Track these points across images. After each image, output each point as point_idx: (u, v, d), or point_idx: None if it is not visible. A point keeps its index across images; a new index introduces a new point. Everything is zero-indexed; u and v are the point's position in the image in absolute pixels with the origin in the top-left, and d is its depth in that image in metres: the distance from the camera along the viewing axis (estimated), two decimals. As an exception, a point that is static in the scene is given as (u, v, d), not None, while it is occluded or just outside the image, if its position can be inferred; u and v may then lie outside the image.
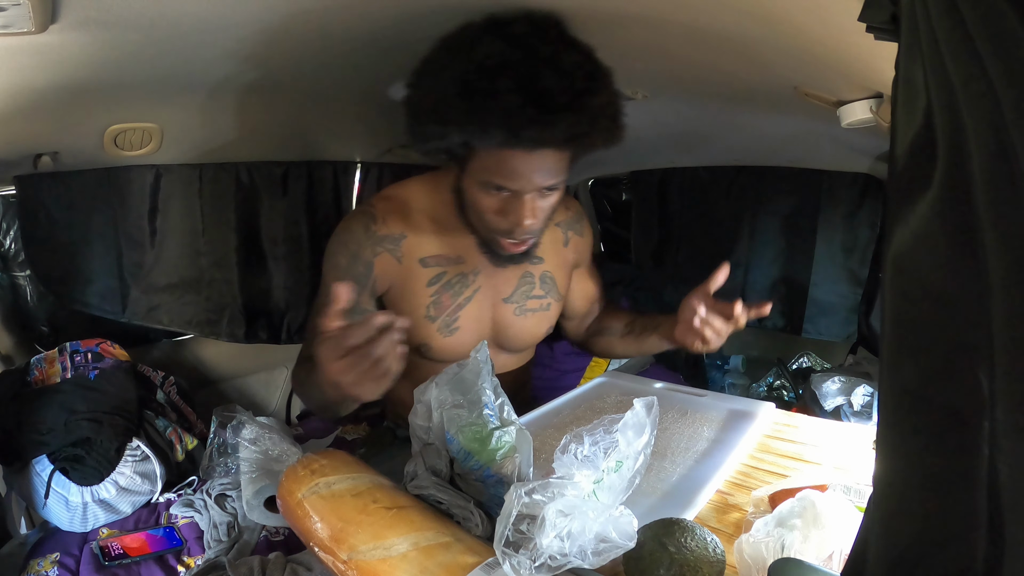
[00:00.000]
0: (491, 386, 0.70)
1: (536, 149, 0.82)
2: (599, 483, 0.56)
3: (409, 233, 1.01)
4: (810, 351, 1.85)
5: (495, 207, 0.90)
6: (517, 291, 1.09)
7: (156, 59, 0.91)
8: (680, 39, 0.91)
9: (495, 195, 0.89)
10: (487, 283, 1.06)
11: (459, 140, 0.82)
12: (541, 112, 0.76)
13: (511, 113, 0.76)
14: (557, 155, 0.85)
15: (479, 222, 0.94)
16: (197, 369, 1.54)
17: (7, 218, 1.42)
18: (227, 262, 1.47)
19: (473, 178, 0.89)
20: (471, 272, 1.04)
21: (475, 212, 0.93)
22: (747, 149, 1.67)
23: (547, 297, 1.12)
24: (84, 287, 1.33)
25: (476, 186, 0.89)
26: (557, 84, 0.77)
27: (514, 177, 0.85)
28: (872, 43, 0.50)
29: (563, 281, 1.16)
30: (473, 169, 0.88)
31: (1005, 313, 0.32)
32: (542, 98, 0.76)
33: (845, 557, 0.51)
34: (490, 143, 0.80)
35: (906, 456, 0.38)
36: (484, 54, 0.77)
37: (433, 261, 1.02)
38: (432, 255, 1.02)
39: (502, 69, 0.76)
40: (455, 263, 1.03)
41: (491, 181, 0.86)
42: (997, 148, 0.31)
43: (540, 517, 0.52)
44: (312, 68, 1.09)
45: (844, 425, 1.14)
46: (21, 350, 1.28)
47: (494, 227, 0.92)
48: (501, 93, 0.75)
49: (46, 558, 0.87)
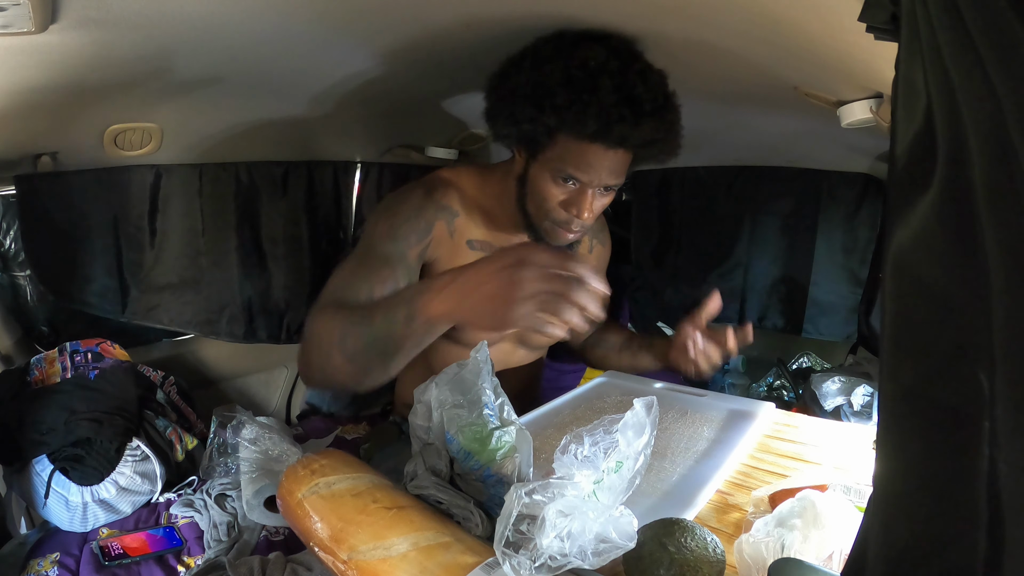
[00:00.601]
0: (491, 386, 0.70)
1: (616, 147, 0.90)
2: (599, 483, 0.56)
3: (461, 213, 1.06)
4: (810, 351, 1.85)
5: (561, 197, 0.96)
6: None
7: (156, 59, 0.91)
8: (680, 39, 0.91)
9: (563, 186, 0.95)
10: None
11: (553, 124, 0.89)
12: (632, 114, 0.86)
13: (607, 109, 0.85)
14: (626, 158, 0.94)
15: (539, 210, 0.99)
16: (197, 369, 1.54)
17: (7, 218, 1.42)
18: (227, 262, 1.47)
19: (546, 166, 0.95)
20: None
21: (539, 199, 0.98)
22: (747, 149, 1.67)
23: None
24: (84, 287, 1.33)
25: (548, 174, 0.95)
26: (646, 94, 0.88)
27: (588, 170, 0.92)
28: (872, 43, 0.50)
29: None
30: (549, 157, 0.94)
31: (1005, 313, 0.32)
32: (634, 102, 0.86)
33: (845, 557, 0.51)
34: (581, 132, 0.88)
35: (906, 456, 0.38)
36: (587, 56, 0.87)
37: (479, 245, 1.07)
38: (479, 239, 1.07)
39: (603, 70, 0.86)
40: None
41: (565, 170, 0.93)
42: (997, 148, 0.31)
43: (540, 517, 0.52)
44: (313, 67, 1.09)
45: (844, 425, 1.14)
46: (21, 350, 1.28)
47: (554, 216, 0.98)
48: (601, 90, 0.85)
49: (46, 558, 0.87)
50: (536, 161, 0.96)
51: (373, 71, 1.13)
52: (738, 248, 1.82)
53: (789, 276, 1.75)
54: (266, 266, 1.55)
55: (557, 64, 0.88)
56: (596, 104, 0.85)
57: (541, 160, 0.95)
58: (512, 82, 0.93)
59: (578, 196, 0.95)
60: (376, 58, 1.06)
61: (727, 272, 1.86)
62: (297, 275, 1.59)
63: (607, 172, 0.93)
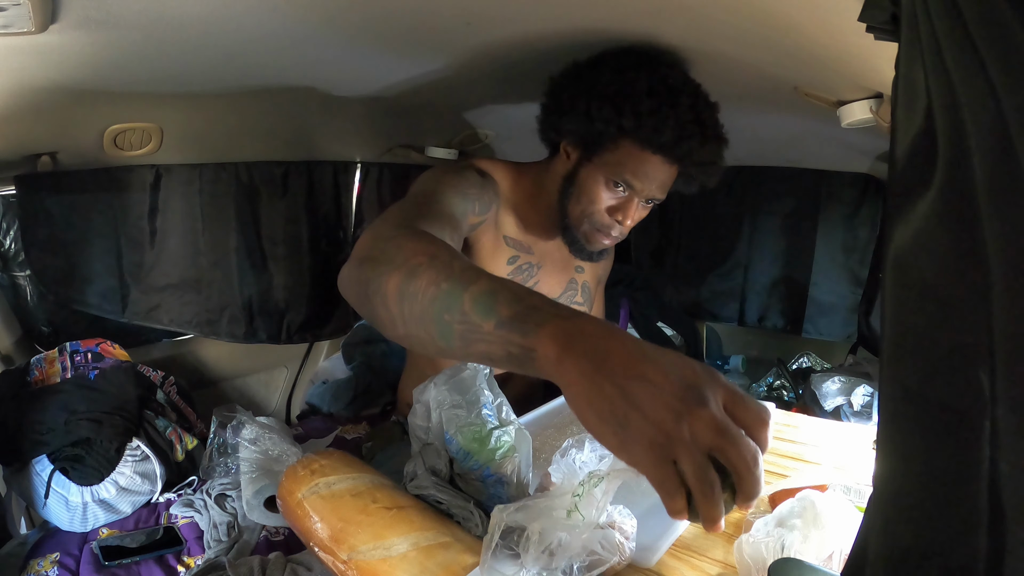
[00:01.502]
0: (490, 386, 0.70)
1: (675, 163, 0.96)
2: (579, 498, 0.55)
3: (500, 205, 1.06)
4: (810, 351, 1.85)
5: (610, 201, 1.00)
6: (564, 294, 1.18)
7: (156, 59, 0.91)
8: (681, 39, 0.91)
9: (614, 191, 0.99)
10: (544, 279, 1.14)
11: (629, 128, 0.92)
12: (701, 135, 0.93)
13: (682, 125, 0.92)
14: (674, 175, 0.99)
15: (584, 211, 1.01)
16: (197, 369, 1.54)
17: (7, 218, 1.42)
18: (227, 262, 1.47)
19: (602, 169, 0.98)
20: (536, 264, 1.12)
21: (587, 200, 1.00)
22: (747, 149, 1.67)
23: (584, 305, 1.22)
24: (84, 287, 1.33)
25: (601, 177, 0.98)
26: (711, 120, 0.96)
27: (644, 179, 0.96)
28: (872, 43, 0.50)
29: (595, 293, 1.27)
30: (608, 160, 0.97)
31: (1005, 313, 0.32)
32: (704, 125, 0.94)
33: (845, 557, 0.51)
34: (651, 142, 0.93)
35: (906, 456, 0.38)
36: (668, 73, 0.94)
37: (512, 242, 1.09)
38: (512, 236, 1.09)
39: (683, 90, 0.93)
40: (527, 252, 1.11)
41: (622, 175, 0.96)
42: (997, 148, 0.31)
43: (525, 535, 0.52)
44: (313, 67, 1.09)
45: (844, 425, 1.14)
46: (21, 350, 1.28)
47: (598, 219, 1.01)
48: (680, 107, 0.91)
49: (46, 558, 0.87)
50: (591, 163, 0.99)
51: (375, 73, 1.13)
52: (738, 248, 1.82)
53: (789, 276, 1.75)
54: (266, 266, 1.55)
55: (641, 74, 0.92)
56: (674, 118, 0.91)
57: (597, 162, 0.98)
58: (587, 83, 0.96)
59: (626, 203, 0.99)
60: (377, 59, 1.06)
61: (727, 272, 1.86)
62: (297, 275, 1.59)
63: (658, 185, 0.98)
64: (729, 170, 1.79)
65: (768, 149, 1.63)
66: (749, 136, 1.52)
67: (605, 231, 1.02)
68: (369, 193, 1.69)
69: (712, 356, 2.08)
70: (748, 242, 1.80)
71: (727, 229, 1.83)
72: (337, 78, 1.16)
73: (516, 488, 0.66)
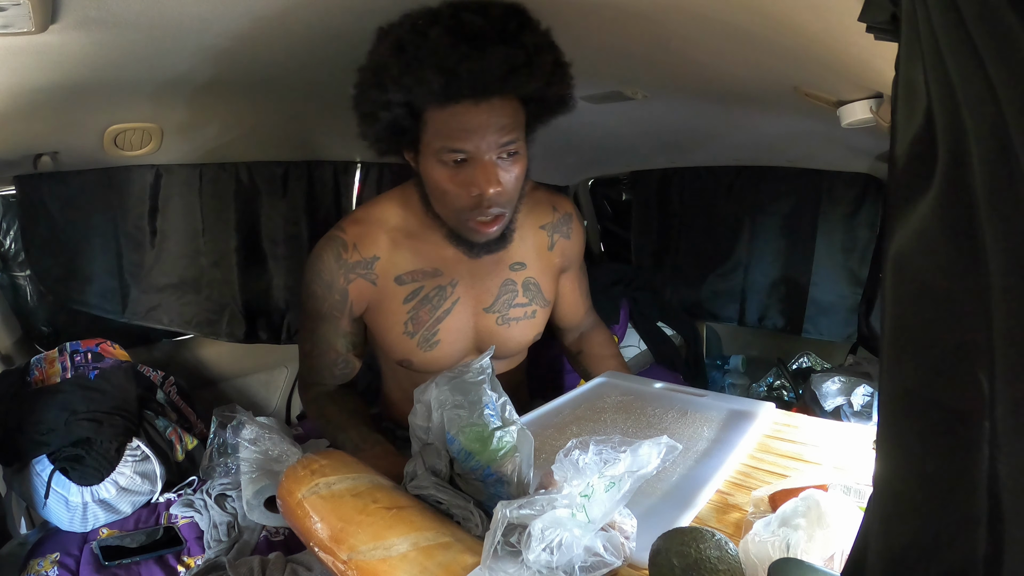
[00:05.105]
0: (492, 385, 0.70)
1: (481, 97, 0.80)
2: (588, 497, 0.55)
3: (382, 254, 1.02)
4: (810, 351, 1.85)
5: (456, 179, 0.87)
6: (498, 300, 1.08)
7: (156, 59, 0.91)
8: (680, 38, 0.91)
9: (453, 167, 0.86)
10: (466, 294, 1.06)
11: (400, 99, 0.80)
12: (474, 48, 0.75)
13: (442, 52, 0.75)
14: (506, 107, 0.83)
15: (444, 206, 0.91)
16: (197, 369, 1.54)
17: (7, 218, 1.42)
18: (227, 262, 1.47)
19: (429, 153, 0.87)
20: (449, 284, 1.04)
21: (438, 194, 0.90)
22: (747, 149, 1.67)
23: (532, 304, 1.11)
24: (84, 287, 1.33)
25: (433, 161, 0.87)
26: (488, 24, 0.77)
27: (467, 135, 0.82)
28: (872, 43, 0.50)
29: (549, 286, 1.14)
30: (426, 141, 0.86)
31: (1005, 313, 0.32)
32: (474, 37, 0.76)
33: (846, 557, 0.51)
34: (434, 94, 0.79)
35: (906, 456, 0.38)
36: (416, 16, 0.78)
37: (408, 277, 1.03)
38: (407, 271, 1.02)
39: (433, 22, 0.77)
40: (432, 276, 1.03)
41: (445, 146, 0.84)
42: (997, 148, 0.31)
43: (527, 532, 0.52)
44: (313, 67, 1.09)
45: (844, 425, 1.14)
46: (21, 350, 1.28)
47: (459, 205, 0.89)
48: (430, 39, 0.76)
49: (46, 558, 0.87)
50: (420, 154, 0.89)
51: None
52: (738, 248, 1.82)
53: (789, 276, 1.75)
54: (266, 266, 1.55)
55: (389, 38, 0.80)
56: (430, 54, 0.75)
57: (423, 150, 0.88)
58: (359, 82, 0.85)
59: (473, 171, 0.85)
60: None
61: (727, 272, 1.86)
62: (297, 275, 1.58)
63: (492, 131, 0.82)
64: (729, 170, 1.80)
65: (768, 149, 1.63)
66: (749, 136, 1.52)
67: (474, 216, 0.89)
68: (369, 193, 1.69)
69: (712, 356, 2.08)
70: (748, 242, 1.80)
71: (727, 229, 1.83)
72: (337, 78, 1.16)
73: (516, 488, 0.66)
